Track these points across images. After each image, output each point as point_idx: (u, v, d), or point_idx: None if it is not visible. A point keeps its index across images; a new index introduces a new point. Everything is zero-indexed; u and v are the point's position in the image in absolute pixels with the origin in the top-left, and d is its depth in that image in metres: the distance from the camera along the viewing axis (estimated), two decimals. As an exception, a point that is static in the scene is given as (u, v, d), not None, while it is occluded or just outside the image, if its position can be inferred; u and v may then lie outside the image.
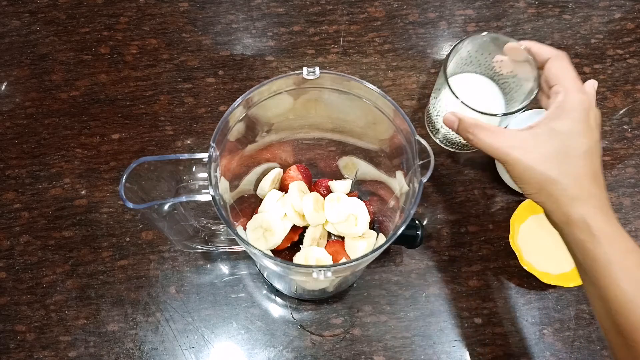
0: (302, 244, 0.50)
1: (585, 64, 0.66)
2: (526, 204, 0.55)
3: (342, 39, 0.68)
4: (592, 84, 0.42)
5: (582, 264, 0.38)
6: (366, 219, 0.48)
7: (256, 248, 0.36)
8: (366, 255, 0.35)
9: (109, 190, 0.58)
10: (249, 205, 0.52)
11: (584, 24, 0.68)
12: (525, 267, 0.52)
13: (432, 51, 0.67)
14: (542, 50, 0.43)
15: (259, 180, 0.52)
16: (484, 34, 0.50)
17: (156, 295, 0.54)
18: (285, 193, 0.49)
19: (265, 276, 0.54)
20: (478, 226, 0.58)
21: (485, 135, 0.40)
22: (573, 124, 0.38)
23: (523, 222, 0.56)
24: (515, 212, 0.55)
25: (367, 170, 0.51)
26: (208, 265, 0.55)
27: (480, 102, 0.52)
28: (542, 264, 0.54)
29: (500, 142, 0.39)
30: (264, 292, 0.54)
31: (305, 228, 0.49)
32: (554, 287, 0.55)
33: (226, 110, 0.39)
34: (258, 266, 0.54)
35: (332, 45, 0.67)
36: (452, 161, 0.61)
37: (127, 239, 0.56)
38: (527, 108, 0.49)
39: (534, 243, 0.55)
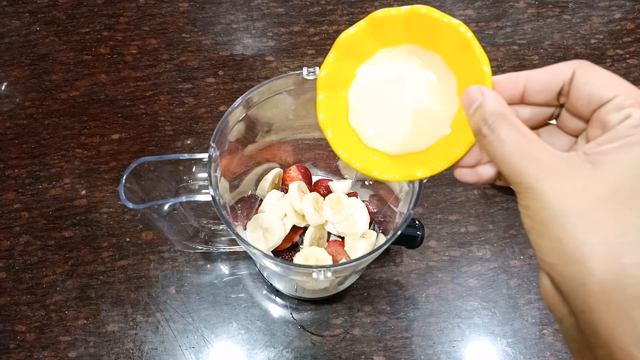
0: (302, 244, 0.50)
1: (585, 64, 0.66)
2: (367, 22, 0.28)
3: (342, 39, 0.68)
4: None
5: None
6: (366, 219, 0.48)
7: (256, 248, 0.36)
8: (366, 255, 0.35)
9: (109, 190, 0.58)
10: (249, 205, 0.52)
11: (584, 24, 0.68)
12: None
13: (432, 51, 0.67)
14: (554, 70, 0.25)
15: (259, 180, 0.52)
16: None
17: (156, 295, 0.54)
18: (285, 193, 0.49)
19: (265, 276, 0.54)
20: (478, 226, 0.58)
21: (510, 136, 0.23)
22: None
23: (368, 58, 0.29)
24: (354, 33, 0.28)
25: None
26: (208, 265, 0.55)
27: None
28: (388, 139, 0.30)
29: (530, 156, 0.23)
30: (264, 292, 0.54)
31: (305, 228, 0.49)
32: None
33: (226, 110, 0.39)
34: (258, 266, 0.54)
35: (332, 45, 0.67)
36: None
37: (127, 239, 0.56)
38: None
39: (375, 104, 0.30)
